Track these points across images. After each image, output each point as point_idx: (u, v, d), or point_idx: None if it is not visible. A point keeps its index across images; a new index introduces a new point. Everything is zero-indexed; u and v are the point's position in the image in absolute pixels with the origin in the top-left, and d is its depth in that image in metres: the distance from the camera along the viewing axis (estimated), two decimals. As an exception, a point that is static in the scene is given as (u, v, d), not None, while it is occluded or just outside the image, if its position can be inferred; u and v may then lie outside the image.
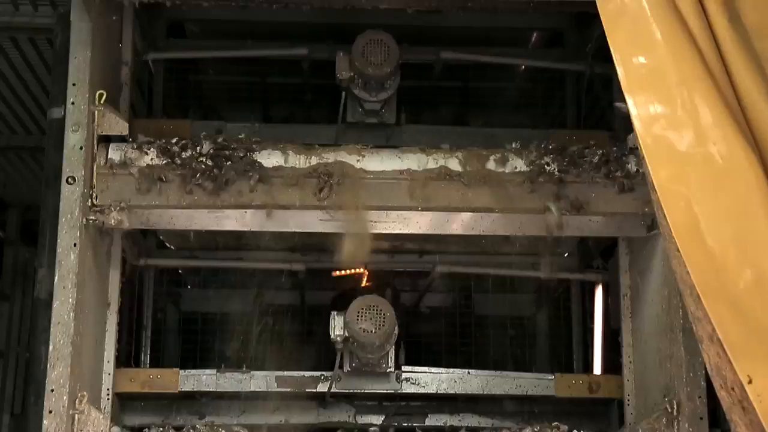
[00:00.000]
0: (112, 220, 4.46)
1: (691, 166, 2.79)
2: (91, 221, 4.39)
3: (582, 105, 5.93)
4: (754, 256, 2.70)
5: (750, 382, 2.73)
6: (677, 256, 3.12)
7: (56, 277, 4.25)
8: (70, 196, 4.33)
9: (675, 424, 4.30)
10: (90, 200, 4.40)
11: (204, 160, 4.48)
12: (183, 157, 4.49)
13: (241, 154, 4.51)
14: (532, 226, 4.72)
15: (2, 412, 6.18)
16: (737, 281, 2.70)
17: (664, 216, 2.95)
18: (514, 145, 4.68)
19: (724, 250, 2.72)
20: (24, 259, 6.39)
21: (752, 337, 2.74)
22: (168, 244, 5.93)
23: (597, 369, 5.74)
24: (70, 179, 4.34)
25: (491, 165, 4.58)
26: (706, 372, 4.15)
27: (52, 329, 4.19)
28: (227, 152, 4.50)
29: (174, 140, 4.57)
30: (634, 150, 4.52)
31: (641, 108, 2.87)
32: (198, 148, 4.53)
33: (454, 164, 4.57)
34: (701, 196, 2.79)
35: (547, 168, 4.53)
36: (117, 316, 4.93)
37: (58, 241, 4.29)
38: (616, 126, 5.10)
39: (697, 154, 2.78)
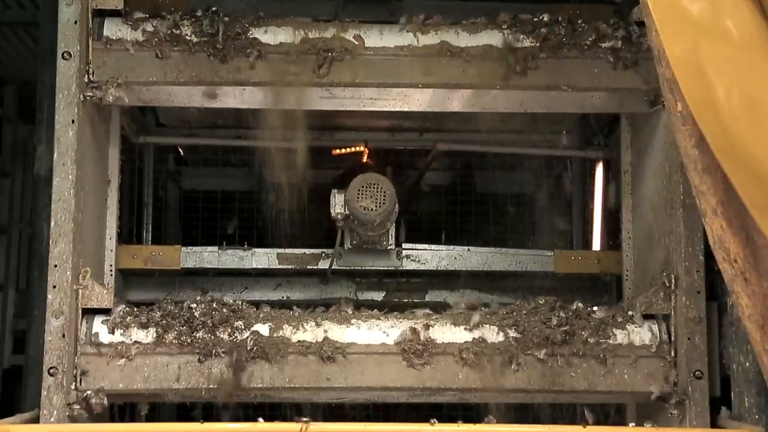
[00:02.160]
0: (110, 97, 4.41)
1: (707, 39, 2.74)
2: (88, 97, 4.34)
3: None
4: (770, 127, 2.69)
5: None
6: (681, 130, 3.11)
7: (55, 154, 4.22)
8: (66, 72, 4.27)
9: (672, 298, 4.35)
10: (87, 76, 4.34)
11: (202, 35, 4.41)
12: (180, 32, 4.42)
13: (240, 30, 4.44)
14: (534, 102, 4.68)
15: (7, 287, 6.25)
16: (754, 153, 2.70)
17: (670, 90, 2.92)
18: (516, 20, 4.60)
19: (739, 121, 2.71)
20: (23, 135, 6.35)
21: None
22: (165, 124, 5.90)
23: (596, 246, 5.79)
24: (65, 54, 4.27)
25: (493, 40, 4.51)
26: (705, 246, 4.21)
27: (53, 206, 4.19)
28: (225, 27, 4.43)
29: (171, 15, 4.49)
30: (639, 24, 4.44)
31: (652, -23, 2.81)
32: (195, 23, 4.45)
33: (455, 39, 4.49)
34: (717, 68, 2.76)
35: (550, 42, 4.46)
36: (118, 194, 4.93)
37: (56, 117, 4.25)
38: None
39: (713, 28, 2.74)
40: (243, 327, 4.32)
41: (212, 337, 4.26)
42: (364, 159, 6.34)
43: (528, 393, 4.37)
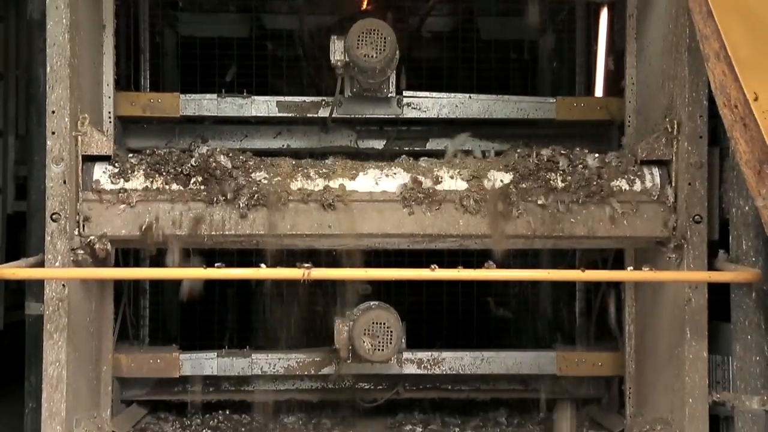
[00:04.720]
0: (100, -63, 4.29)
1: None
2: (78, -63, 4.22)
3: None
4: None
5: (756, 99, 2.75)
6: (688, -30, 3.04)
7: (47, -4, 4.14)
8: None
9: (674, 143, 4.33)
10: None
11: None
12: None
13: None
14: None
15: (7, 134, 6.24)
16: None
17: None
18: None
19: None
20: (14, -21, 6.23)
21: (761, 53, 2.73)
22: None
23: (599, 92, 5.74)
24: None
25: None
26: (709, 91, 4.16)
27: (48, 50, 4.13)
28: None
29: None
30: None
31: None
32: None
33: None
34: None
35: None
36: (114, 39, 4.84)
37: (46, -42, 4.15)
38: None
39: None
40: (244, 174, 4.32)
41: (213, 183, 4.27)
42: (364, 5, 6.20)
43: (528, 239, 4.41)
